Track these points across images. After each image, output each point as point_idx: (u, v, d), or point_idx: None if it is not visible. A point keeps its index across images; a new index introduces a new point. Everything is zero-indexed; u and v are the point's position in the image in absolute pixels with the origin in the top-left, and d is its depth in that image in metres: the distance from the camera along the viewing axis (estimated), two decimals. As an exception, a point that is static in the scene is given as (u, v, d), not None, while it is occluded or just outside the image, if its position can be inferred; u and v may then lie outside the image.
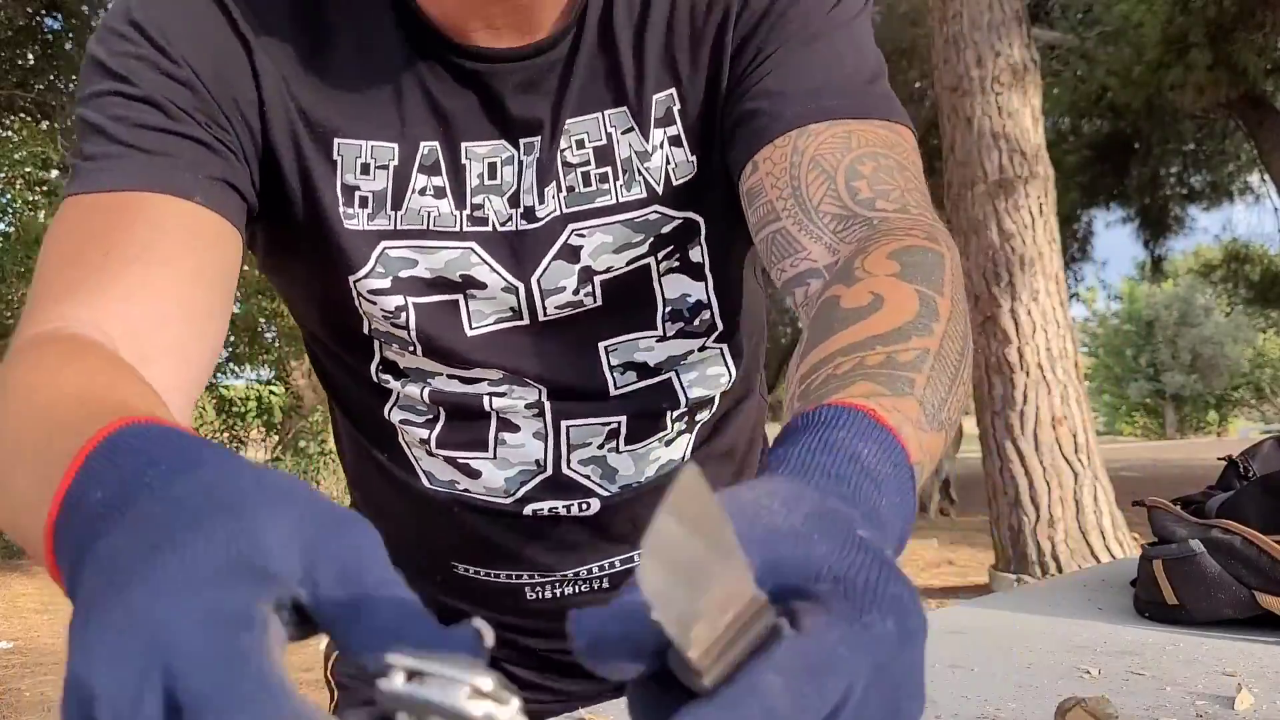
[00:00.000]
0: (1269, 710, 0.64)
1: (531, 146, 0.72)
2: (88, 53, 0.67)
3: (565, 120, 0.71)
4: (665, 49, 0.72)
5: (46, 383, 0.48)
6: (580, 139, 0.72)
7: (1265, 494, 0.88)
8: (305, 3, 0.69)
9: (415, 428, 0.79)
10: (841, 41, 0.71)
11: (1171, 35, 7.59)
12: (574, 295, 0.74)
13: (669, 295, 0.77)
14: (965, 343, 0.54)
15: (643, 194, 0.73)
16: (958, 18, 5.61)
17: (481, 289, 0.73)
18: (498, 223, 0.72)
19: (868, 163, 0.66)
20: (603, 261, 0.74)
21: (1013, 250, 5.45)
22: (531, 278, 0.73)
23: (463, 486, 0.80)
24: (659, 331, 0.78)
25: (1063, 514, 5.31)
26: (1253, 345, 35.92)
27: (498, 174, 0.72)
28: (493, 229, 0.72)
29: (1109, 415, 40.51)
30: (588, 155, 0.72)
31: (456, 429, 0.78)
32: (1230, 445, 1.63)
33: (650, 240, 0.74)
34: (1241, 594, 0.85)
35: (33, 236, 8.28)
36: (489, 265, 0.72)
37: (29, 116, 9.47)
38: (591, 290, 0.74)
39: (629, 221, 0.73)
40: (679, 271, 0.77)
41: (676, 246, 0.75)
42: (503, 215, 0.72)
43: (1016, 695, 0.69)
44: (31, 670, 4.28)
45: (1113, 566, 1.22)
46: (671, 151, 0.73)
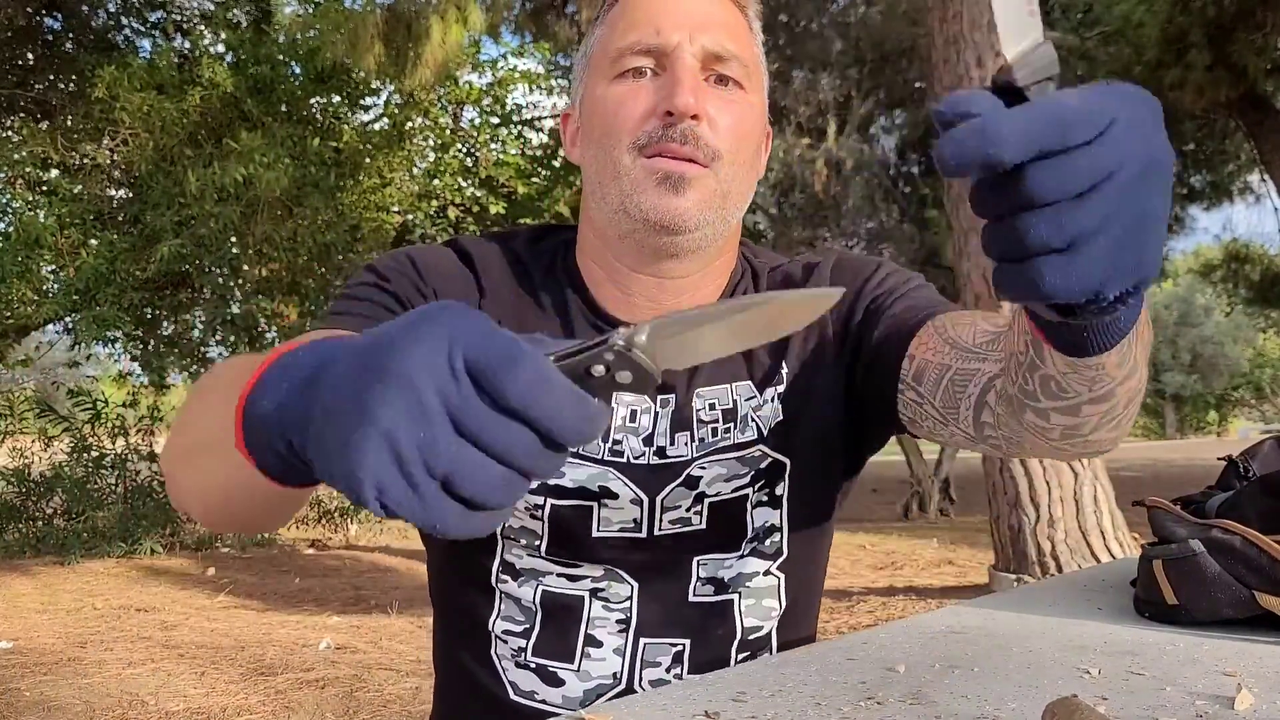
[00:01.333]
0: (1269, 710, 0.64)
1: (666, 402, 0.92)
2: (365, 265, 0.95)
3: (697, 388, 0.93)
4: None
5: (223, 367, 0.69)
6: (712, 402, 0.93)
7: (1265, 494, 0.88)
8: (522, 276, 0.96)
9: (513, 638, 0.94)
10: (931, 293, 0.96)
11: (1171, 35, 7.59)
12: (685, 512, 0.91)
13: (756, 524, 0.94)
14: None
15: (754, 436, 0.93)
16: (958, 18, 5.61)
17: (614, 499, 0.90)
18: (632, 457, 0.91)
19: (986, 322, 0.84)
20: (714, 488, 0.92)
21: (1012, 250, 5.44)
22: (657, 497, 0.91)
23: (541, 697, 0.92)
24: (740, 551, 0.94)
25: (1062, 514, 5.31)
26: (1253, 345, 35.92)
27: (637, 419, 0.92)
28: (628, 461, 0.91)
29: (1109, 415, 40.42)
30: (717, 415, 0.93)
31: (549, 638, 0.92)
32: (1230, 445, 1.63)
33: (752, 474, 0.92)
34: (1241, 594, 0.85)
35: (32, 237, 8.28)
36: (622, 482, 0.90)
37: (29, 116, 9.46)
38: (700, 510, 0.91)
39: (740, 457, 0.92)
40: (765, 505, 0.94)
41: (768, 481, 0.93)
42: (637, 451, 0.91)
43: (1016, 695, 0.69)
44: (31, 670, 4.28)
45: (1112, 566, 1.22)
46: (777, 405, 0.93)
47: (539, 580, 0.92)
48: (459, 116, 11.16)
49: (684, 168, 0.85)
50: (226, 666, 4.33)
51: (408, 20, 7.83)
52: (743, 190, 0.91)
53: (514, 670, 0.93)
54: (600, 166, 0.90)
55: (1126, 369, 0.63)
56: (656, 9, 0.89)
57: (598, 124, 0.90)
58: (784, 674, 0.75)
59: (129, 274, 8.48)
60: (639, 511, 0.91)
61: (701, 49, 0.87)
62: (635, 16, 0.90)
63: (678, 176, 0.85)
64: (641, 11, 0.90)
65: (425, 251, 0.95)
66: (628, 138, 0.87)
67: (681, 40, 0.87)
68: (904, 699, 0.68)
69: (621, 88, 0.89)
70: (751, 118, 0.90)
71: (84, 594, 6.27)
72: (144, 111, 8.38)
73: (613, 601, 0.92)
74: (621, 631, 0.92)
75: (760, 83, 0.94)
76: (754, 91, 0.92)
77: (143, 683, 4.06)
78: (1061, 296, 0.44)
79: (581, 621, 0.92)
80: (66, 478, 8.67)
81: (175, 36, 10.13)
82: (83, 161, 8.94)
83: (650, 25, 0.88)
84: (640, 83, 0.88)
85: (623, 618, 0.92)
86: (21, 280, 8.50)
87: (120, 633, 5.07)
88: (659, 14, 0.89)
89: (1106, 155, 0.43)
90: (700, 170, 0.86)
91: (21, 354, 10.81)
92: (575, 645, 0.92)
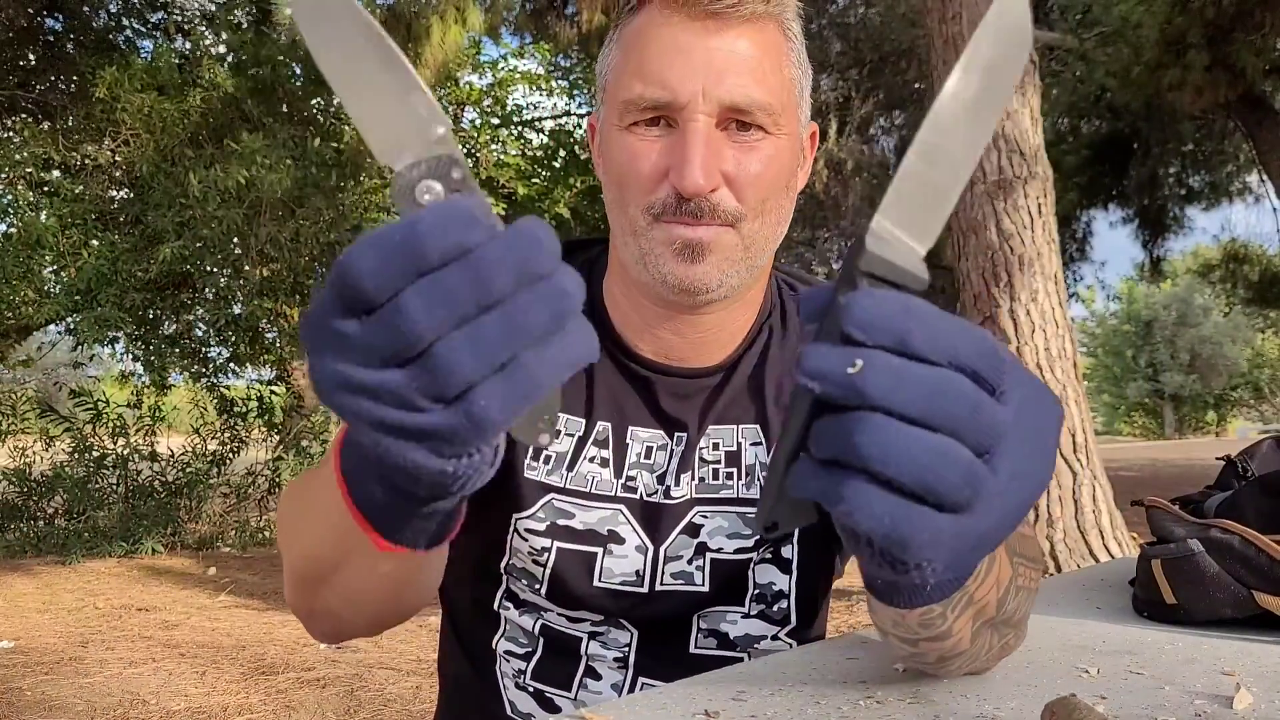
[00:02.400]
0: (1268, 710, 0.65)
1: (680, 439, 0.90)
2: None
3: (709, 425, 0.90)
4: None
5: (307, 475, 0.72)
6: (716, 442, 0.90)
7: (1264, 494, 0.88)
8: None
9: (515, 659, 0.93)
10: None
11: (1170, 36, 7.59)
12: (687, 566, 0.88)
13: (759, 580, 0.90)
14: None
15: (759, 494, 0.86)
16: (957, 18, 5.60)
17: (620, 544, 0.88)
18: (645, 493, 0.89)
19: None
20: (716, 542, 0.89)
21: (1011, 250, 5.44)
22: (661, 546, 0.88)
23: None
24: (744, 609, 0.91)
25: (1061, 513, 5.31)
26: (1251, 345, 35.88)
27: (652, 456, 0.90)
28: (640, 498, 0.89)
29: (1108, 415, 40.47)
30: (720, 456, 0.90)
31: (550, 665, 0.91)
32: (1229, 445, 1.63)
33: (757, 535, 0.88)
34: (1240, 593, 0.85)
35: (34, 237, 8.27)
36: (631, 525, 0.88)
37: (30, 117, 9.46)
38: (702, 565, 0.89)
39: (743, 515, 0.89)
40: (770, 563, 0.90)
41: (774, 542, 0.90)
42: (650, 488, 0.89)
43: (1015, 694, 0.69)
44: (31, 670, 4.28)
45: (1111, 566, 1.22)
46: None
47: (540, 614, 0.92)
48: (459, 117, 11.16)
49: (701, 234, 0.81)
50: (227, 666, 4.33)
51: (407, 20, 7.83)
52: (771, 234, 0.86)
53: (513, 690, 0.93)
54: (618, 214, 0.85)
55: (939, 631, 0.59)
56: (669, 56, 0.80)
57: (612, 170, 0.85)
58: (784, 673, 0.75)
59: (130, 274, 8.48)
60: (642, 562, 0.88)
61: (718, 105, 0.79)
62: (646, 62, 0.81)
63: (696, 244, 0.81)
64: (654, 56, 0.81)
65: None
66: (641, 198, 0.82)
67: (694, 97, 0.79)
68: (904, 698, 0.68)
69: (632, 140, 0.82)
70: (778, 161, 0.83)
71: (85, 593, 6.27)
72: (145, 112, 8.38)
73: (611, 645, 0.91)
74: (620, 669, 0.91)
75: (794, 112, 0.86)
76: (785, 127, 0.84)
77: (144, 682, 4.07)
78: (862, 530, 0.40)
79: (581, 656, 0.91)
80: (67, 477, 8.66)
81: (176, 37, 10.13)
82: (84, 162, 8.93)
83: (659, 77, 0.80)
84: (651, 137, 0.82)
85: (620, 656, 0.91)
86: (23, 281, 8.49)
87: (121, 632, 5.07)
88: (672, 63, 0.80)
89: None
90: (721, 230, 0.81)
91: (23, 354, 10.81)
92: (574, 676, 0.91)
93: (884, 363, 0.38)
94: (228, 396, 9.97)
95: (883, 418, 0.38)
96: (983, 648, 0.66)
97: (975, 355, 0.39)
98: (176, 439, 10.07)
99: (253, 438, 10.01)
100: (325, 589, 0.68)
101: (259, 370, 10.32)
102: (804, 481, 0.40)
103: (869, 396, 0.38)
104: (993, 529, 0.41)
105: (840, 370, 0.38)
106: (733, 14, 0.80)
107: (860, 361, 0.38)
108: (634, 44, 0.83)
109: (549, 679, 0.92)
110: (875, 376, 0.38)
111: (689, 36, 0.80)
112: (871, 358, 0.38)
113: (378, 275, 0.38)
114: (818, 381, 0.38)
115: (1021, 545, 0.65)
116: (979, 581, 0.56)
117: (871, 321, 0.38)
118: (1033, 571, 0.67)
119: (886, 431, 0.38)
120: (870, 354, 0.38)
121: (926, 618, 0.57)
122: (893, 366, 0.38)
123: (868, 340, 0.38)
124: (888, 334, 0.38)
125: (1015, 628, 0.69)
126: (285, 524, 0.73)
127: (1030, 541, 0.68)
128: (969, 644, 0.63)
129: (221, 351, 9.88)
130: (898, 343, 0.38)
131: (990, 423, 0.39)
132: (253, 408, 9.90)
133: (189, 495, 9.06)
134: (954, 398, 0.38)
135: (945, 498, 0.38)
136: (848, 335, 0.38)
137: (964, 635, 0.61)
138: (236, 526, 8.88)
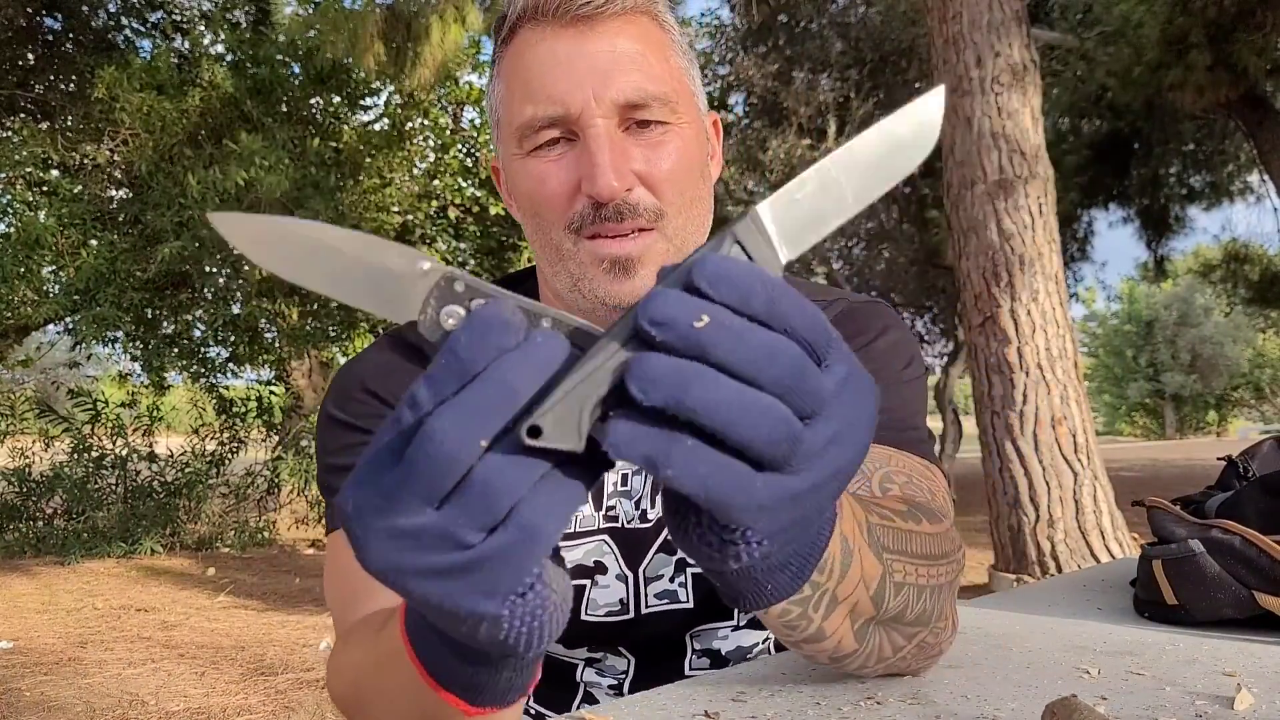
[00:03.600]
0: (1268, 710, 0.64)
1: None
2: (325, 412, 0.88)
3: None
4: None
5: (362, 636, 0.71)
6: None
7: (1265, 494, 0.88)
8: None
9: None
10: (903, 392, 0.88)
11: (1171, 35, 7.59)
12: (670, 584, 0.88)
13: None
14: (944, 559, 0.69)
15: None
16: (958, 18, 5.60)
17: (604, 573, 0.88)
18: (625, 521, 0.89)
19: (899, 477, 0.79)
20: None
21: (1012, 250, 5.44)
22: (639, 568, 0.88)
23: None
24: (734, 621, 0.91)
25: (1062, 514, 5.31)
26: (1252, 345, 35.89)
27: (629, 483, 0.90)
28: (621, 525, 0.89)
29: (1109, 415, 40.50)
30: None
31: (549, 690, 0.92)
32: (1230, 445, 1.63)
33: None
34: (1241, 594, 0.85)
35: (32, 237, 8.27)
36: (614, 554, 0.88)
37: (29, 117, 9.46)
38: (685, 582, 0.88)
39: None
40: None
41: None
42: (629, 515, 0.89)
43: (1016, 695, 0.69)
44: (31, 670, 4.28)
45: (1112, 566, 1.22)
46: None
47: None
48: (459, 116, 11.16)
49: (628, 247, 0.79)
50: (226, 666, 4.33)
51: (407, 20, 7.83)
52: (698, 226, 0.85)
53: None
54: (542, 243, 0.83)
55: (810, 633, 0.60)
56: (551, 70, 0.78)
57: (524, 199, 0.83)
58: (784, 674, 0.75)
59: (129, 274, 8.48)
60: (624, 590, 0.88)
61: (612, 106, 0.78)
62: (531, 82, 0.79)
63: (624, 259, 0.79)
64: (536, 75, 0.79)
65: (381, 374, 0.88)
66: (559, 218, 0.80)
67: (586, 104, 0.77)
68: (904, 699, 0.68)
69: (536, 164, 0.80)
70: (687, 149, 0.82)
71: (84, 594, 6.27)
72: (144, 112, 8.38)
73: (608, 673, 0.91)
74: (615, 696, 0.91)
75: (690, 100, 0.85)
76: (685, 115, 0.83)
77: (143, 683, 4.06)
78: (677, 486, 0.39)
79: (577, 684, 0.92)
80: (66, 478, 8.67)
81: (175, 37, 10.13)
82: (83, 162, 8.94)
83: (547, 93, 0.78)
84: (553, 156, 0.80)
85: (615, 684, 0.91)
86: (22, 280, 8.49)
87: (120, 633, 5.07)
88: (555, 76, 0.78)
89: None
90: (647, 237, 0.80)
91: (22, 354, 10.81)
92: (571, 702, 0.92)
93: (728, 320, 0.39)
94: (226, 397, 9.98)
95: (716, 373, 0.38)
96: (878, 647, 0.65)
97: (808, 327, 0.40)
98: (175, 439, 10.09)
99: (252, 438, 10.02)
100: None
101: (258, 370, 10.33)
102: (630, 442, 0.38)
103: (710, 352, 0.38)
104: (807, 490, 0.41)
105: (686, 321, 0.38)
106: (602, 14, 0.79)
107: (706, 317, 0.38)
108: (514, 70, 0.81)
109: (549, 703, 0.92)
110: (719, 333, 0.38)
111: (565, 45, 0.78)
112: (717, 314, 0.38)
113: (434, 395, 0.38)
114: (659, 329, 0.38)
115: (896, 540, 0.64)
116: (835, 579, 0.57)
117: (722, 277, 0.39)
118: (923, 568, 0.66)
119: (721, 387, 0.38)
120: (716, 309, 0.39)
121: (787, 619, 0.57)
122: (735, 326, 0.39)
123: (714, 295, 0.39)
124: (734, 292, 0.39)
125: (924, 625, 0.68)
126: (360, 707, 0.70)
127: (916, 538, 0.67)
128: (855, 644, 0.63)
129: (220, 351, 9.89)
130: (741, 302, 0.39)
131: (814, 389, 0.40)
132: (252, 408, 9.91)
133: (188, 495, 9.07)
134: (785, 362, 0.39)
135: (764, 452, 0.39)
136: (696, 287, 0.39)
137: (843, 636, 0.62)
138: (235, 527, 8.88)
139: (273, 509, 9.63)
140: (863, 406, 0.43)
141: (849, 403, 0.42)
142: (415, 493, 0.38)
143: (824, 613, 0.58)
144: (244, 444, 9.91)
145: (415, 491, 0.38)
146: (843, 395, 0.42)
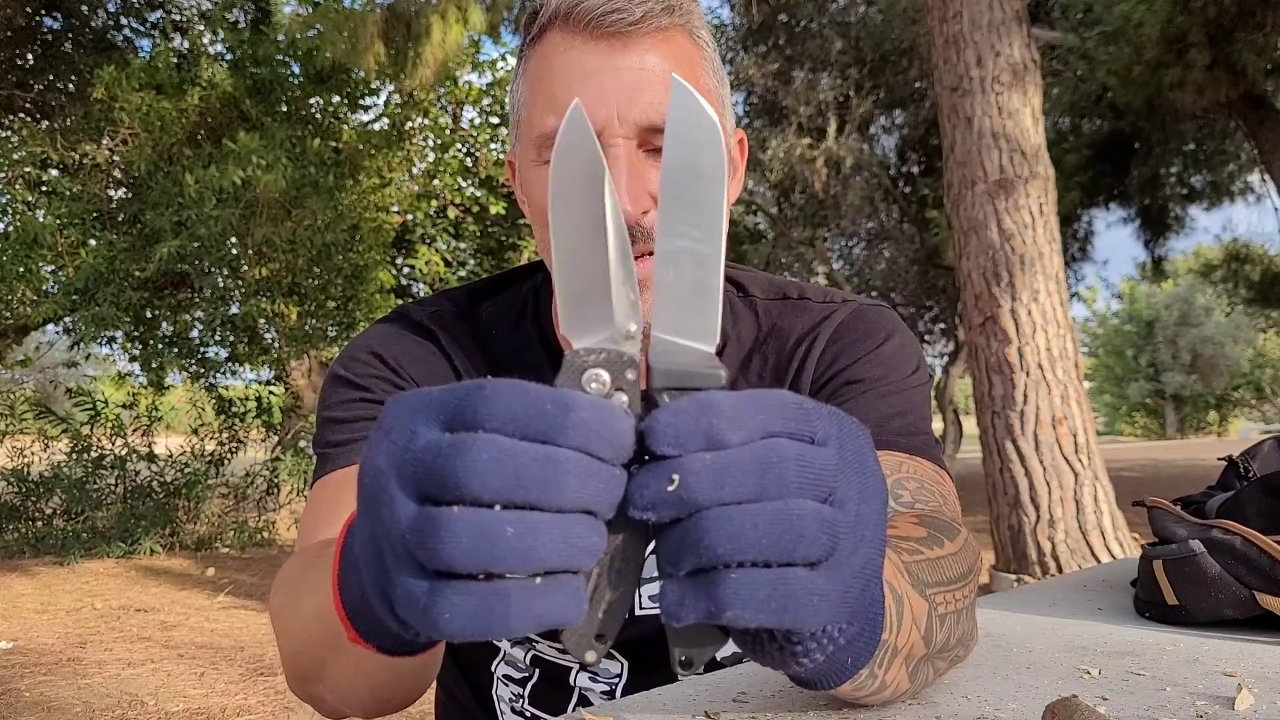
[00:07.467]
0: (1269, 710, 0.64)
1: None
2: (331, 371, 0.90)
3: None
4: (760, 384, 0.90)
5: (307, 554, 0.73)
6: None
7: (1265, 494, 0.88)
8: (487, 346, 0.92)
9: (513, 684, 0.94)
10: (911, 398, 0.89)
11: (1171, 35, 7.58)
12: None
13: None
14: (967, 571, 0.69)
15: None
16: (958, 18, 5.60)
17: None
18: None
19: (910, 483, 0.79)
20: None
21: (1013, 250, 5.44)
22: None
23: None
24: None
25: (1063, 514, 5.30)
26: (1253, 345, 35.89)
27: None
28: None
29: (1109, 415, 40.51)
30: None
31: (545, 691, 0.93)
32: (1230, 445, 1.62)
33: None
34: (1241, 594, 0.84)
35: (32, 236, 8.27)
36: None
37: (29, 116, 9.46)
38: None
39: None
40: None
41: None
42: None
43: (1016, 695, 0.68)
44: (31, 670, 4.28)
45: (1113, 567, 1.22)
46: None
47: (531, 645, 0.93)
48: (459, 116, 11.17)
49: (641, 270, 0.77)
50: (226, 666, 4.32)
51: (407, 20, 7.82)
52: None
53: (510, 715, 0.95)
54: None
55: (873, 689, 0.59)
56: (576, 82, 0.76)
57: (537, 209, 0.82)
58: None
59: (128, 274, 8.48)
60: None
61: (634, 126, 0.76)
62: (555, 92, 0.78)
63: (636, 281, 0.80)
64: (561, 85, 0.77)
65: (389, 340, 0.89)
66: None
67: (609, 122, 0.76)
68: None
69: None
70: None
71: (83, 594, 6.27)
72: (143, 111, 8.38)
73: (601, 676, 0.92)
74: (609, 700, 0.91)
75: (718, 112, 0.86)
76: None
77: (142, 683, 4.06)
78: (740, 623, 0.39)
79: (572, 688, 0.93)
80: (66, 478, 8.66)
81: (174, 36, 10.13)
82: (82, 161, 8.93)
83: None
84: None
85: (608, 689, 0.91)
86: (21, 280, 8.49)
87: (120, 633, 5.07)
88: (580, 90, 0.76)
89: None
90: None
91: (21, 354, 10.81)
92: (567, 704, 0.93)
93: (699, 464, 0.38)
94: (226, 397, 9.97)
95: (719, 510, 0.38)
96: (925, 679, 0.65)
97: (782, 418, 0.40)
98: (175, 439, 10.08)
99: (251, 438, 10.01)
100: (317, 684, 0.69)
101: (257, 370, 10.32)
102: (681, 610, 0.39)
103: (697, 501, 0.38)
104: (866, 561, 0.41)
105: (662, 491, 0.38)
106: (636, 30, 0.76)
107: (676, 476, 0.38)
108: (539, 75, 0.80)
109: (545, 706, 0.93)
110: (694, 480, 0.38)
111: (594, 59, 0.77)
112: (684, 465, 0.38)
113: (521, 425, 0.38)
114: (651, 511, 0.39)
115: (931, 572, 0.63)
116: (894, 631, 0.56)
117: (677, 433, 0.39)
118: (956, 592, 0.66)
119: (728, 521, 0.38)
120: (681, 463, 0.38)
121: (856, 683, 0.56)
122: (707, 464, 0.38)
123: (681, 452, 0.39)
124: (695, 437, 0.39)
125: (962, 645, 0.68)
126: (279, 615, 0.72)
127: (945, 563, 0.66)
128: (909, 683, 0.63)
129: (219, 351, 9.88)
130: (708, 441, 0.39)
131: (820, 469, 0.40)
132: (251, 408, 9.90)
133: (187, 496, 9.07)
134: (779, 463, 0.39)
135: (811, 554, 0.39)
136: (662, 454, 0.39)
137: (900, 681, 0.61)
138: (235, 527, 8.88)
139: (272, 509, 9.62)
140: (865, 451, 0.43)
141: (853, 459, 0.42)
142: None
143: (885, 665, 0.57)
144: (243, 444, 9.90)
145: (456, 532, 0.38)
146: (845, 455, 0.42)
